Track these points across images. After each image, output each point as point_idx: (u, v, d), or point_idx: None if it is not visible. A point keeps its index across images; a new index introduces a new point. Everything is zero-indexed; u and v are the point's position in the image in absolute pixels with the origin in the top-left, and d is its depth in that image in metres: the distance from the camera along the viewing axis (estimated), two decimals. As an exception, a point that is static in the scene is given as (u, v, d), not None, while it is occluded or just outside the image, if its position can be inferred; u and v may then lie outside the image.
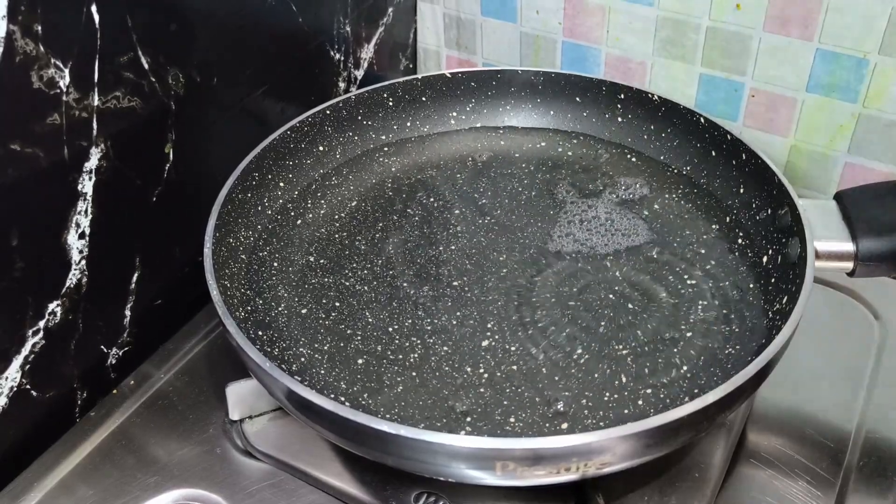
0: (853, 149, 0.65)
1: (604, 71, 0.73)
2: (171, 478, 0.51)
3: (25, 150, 0.47)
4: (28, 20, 0.45)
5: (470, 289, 0.54)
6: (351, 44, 0.74)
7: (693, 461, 0.50)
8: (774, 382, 0.47)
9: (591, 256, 0.56)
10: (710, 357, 0.49)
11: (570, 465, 0.40)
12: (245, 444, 0.52)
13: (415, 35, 0.83)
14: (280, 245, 0.58)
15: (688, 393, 0.47)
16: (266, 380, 0.44)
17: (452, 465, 0.40)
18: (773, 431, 0.53)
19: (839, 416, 0.54)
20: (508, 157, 0.66)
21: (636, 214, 0.60)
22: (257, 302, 0.53)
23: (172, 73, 0.56)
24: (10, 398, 0.51)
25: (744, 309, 0.52)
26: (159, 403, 0.55)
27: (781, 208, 0.53)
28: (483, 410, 0.47)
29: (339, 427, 0.41)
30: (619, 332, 0.51)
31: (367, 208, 0.61)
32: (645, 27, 0.68)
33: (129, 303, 0.58)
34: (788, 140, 0.68)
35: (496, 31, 0.78)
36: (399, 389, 0.48)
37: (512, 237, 0.58)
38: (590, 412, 0.46)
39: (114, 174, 0.53)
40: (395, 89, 0.66)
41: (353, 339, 0.51)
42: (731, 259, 0.55)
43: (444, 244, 0.58)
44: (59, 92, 0.48)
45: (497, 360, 0.49)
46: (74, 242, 0.52)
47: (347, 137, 0.65)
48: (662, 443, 0.42)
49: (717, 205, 0.59)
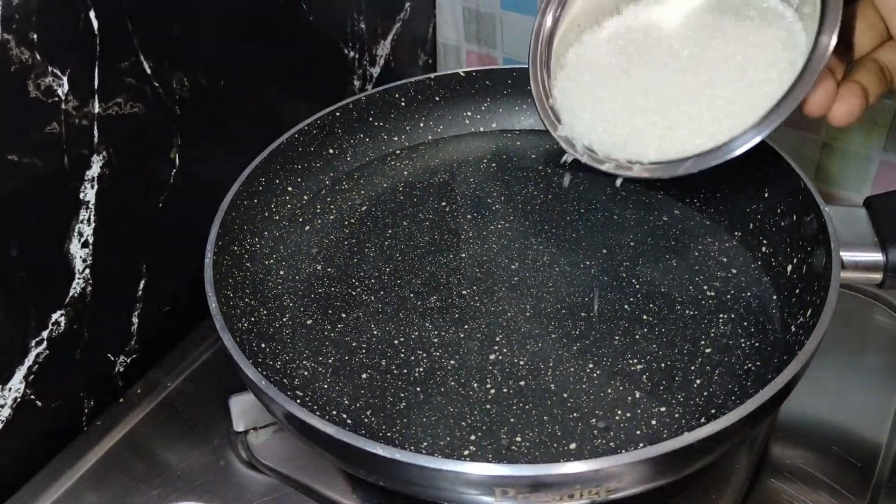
0: (889, 146, 0.62)
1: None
2: (175, 490, 0.50)
3: (24, 161, 0.47)
4: (23, 28, 0.45)
5: (479, 299, 0.52)
6: (366, 41, 0.72)
7: (712, 478, 0.48)
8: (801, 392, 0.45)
9: (607, 265, 0.54)
10: (729, 373, 0.47)
11: (575, 492, 0.38)
12: (249, 456, 0.51)
13: (433, 30, 0.81)
14: (287, 253, 0.56)
15: (704, 413, 0.45)
16: (263, 398, 0.43)
17: (449, 491, 0.39)
18: (798, 445, 0.51)
19: (868, 431, 0.52)
20: (524, 160, 0.64)
21: (655, 220, 0.58)
22: (261, 312, 0.52)
23: (177, 78, 0.55)
24: (14, 409, 0.51)
25: (765, 322, 0.49)
26: (165, 412, 0.55)
27: (807, 215, 0.50)
28: (489, 429, 0.45)
29: (335, 448, 0.40)
30: (633, 346, 0.49)
31: (378, 214, 0.60)
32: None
33: (136, 310, 0.57)
34: (820, 137, 0.65)
35: (516, 24, 0.76)
36: (402, 406, 0.46)
37: (525, 244, 0.56)
38: (600, 432, 0.44)
39: (117, 181, 0.53)
40: (408, 89, 0.65)
41: (357, 351, 0.50)
42: (753, 269, 0.53)
43: (454, 251, 0.56)
44: (58, 100, 0.47)
45: (504, 374, 0.48)
46: (77, 251, 0.51)
47: (359, 140, 0.64)
48: (675, 468, 0.40)
49: (739, 210, 0.57)
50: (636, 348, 0.49)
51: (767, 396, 0.40)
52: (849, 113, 0.44)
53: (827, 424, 0.52)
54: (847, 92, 0.44)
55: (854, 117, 0.45)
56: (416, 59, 0.80)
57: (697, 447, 0.38)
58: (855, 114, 0.44)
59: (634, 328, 0.50)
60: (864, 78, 0.45)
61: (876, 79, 0.45)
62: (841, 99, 0.44)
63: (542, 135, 0.66)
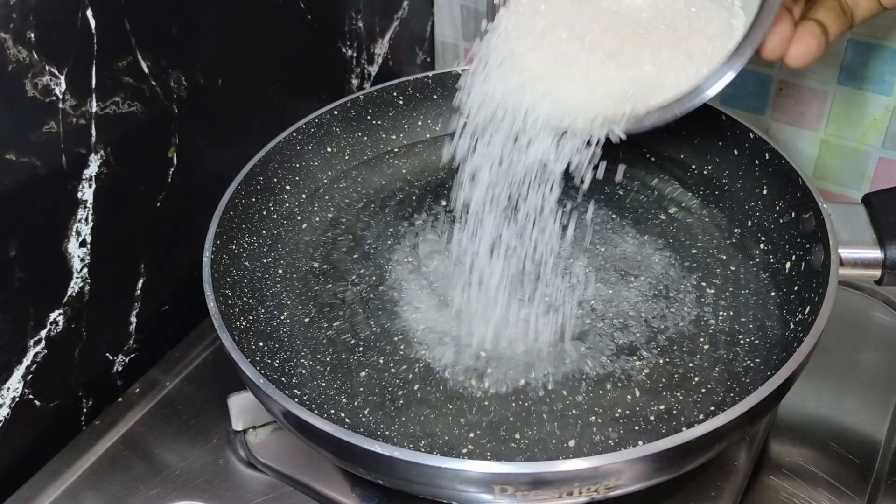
0: (888, 143, 0.63)
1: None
2: (174, 489, 0.50)
3: (21, 160, 0.47)
4: (20, 27, 0.44)
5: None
6: (364, 39, 0.72)
7: (711, 475, 0.48)
8: (800, 389, 0.45)
9: (606, 261, 0.54)
10: (728, 370, 0.47)
11: (574, 490, 0.38)
12: (248, 455, 0.51)
13: (432, 28, 0.81)
14: (285, 251, 0.56)
15: (703, 410, 0.45)
16: (262, 397, 0.43)
17: (449, 489, 0.39)
18: (797, 442, 0.51)
19: (867, 428, 0.52)
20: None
21: (653, 217, 0.57)
22: (259, 311, 0.52)
23: (174, 77, 0.54)
24: (12, 409, 0.50)
25: (764, 319, 0.49)
26: (164, 412, 0.55)
27: (805, 212, 0.50)
28: (487, 426, 0.45)
29: (334, 447, 0.40)
30: (632, 343, 0.49)
31: (376, 212, 0.60)
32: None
33: (134, 309, 0.57)
34: (818, 135, 0.65)
35: (514, 23, 0.75)
36: (401, 404, 0.46)
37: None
38: (599, 429, 0.44)
39: (115, 181, 0.52)
40: (406, 87, 0.64)
41: (356, 350, 0.50)
42: (751, 265, 0.53)
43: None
44: (55, 99, 0.47)
45: (503, 372, 0.48)
46: (75, 251, 0.51)
47: (357, 138, 0.64)
48: (673, 466, 0.40)
49: (738, 207, 0.57)
50: (635, 345, 0.49)
51: (766, 393, 0.40)
52: (805, 54, 0.43)
53: (826, 421, 0.52)
54: (804, 31, 0.43)
55: (811, 58, 0.43)
56: (414, 58, 0.80)
57: (696, 444, 0.38)
58: (812, 54, 0.43)
59: (633, 325, 0.50)
60: (824, 15, 0.44)
61: (835, 15, 0.44)
62: (798, 39, 0.43)
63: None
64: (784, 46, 0.44)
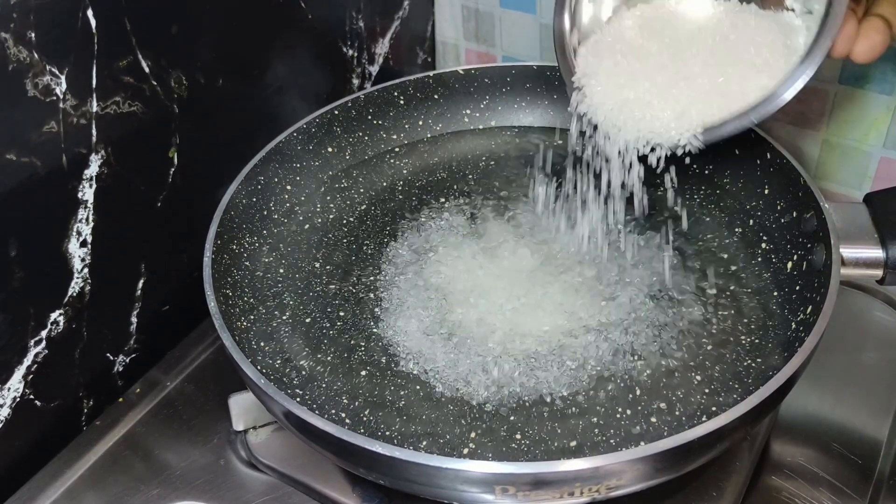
0: (889, 143, 0.62)
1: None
2: (174, 489, 0.50)
3: (22, 160, 0.47)
4: (21, 27, 0.44)
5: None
6: (364, 39, 0.72)
7: (712, 475, 0.48)
8: (801, 389, 0.45)
9: (607, 262, 0.54)
10: (730, 370, 0.47)
11: (575, 490, 0.38)
12: (249, 455, 0.51)
13: (432, 28, 0.81)
14: (287, 251, 0.56)
15: (705, 410, 0.45)
16: (262, 397, 0.43)
17: (450, 489, 0.39)
18: (799, 443, 0.51)
19: (868, 428, 0.52)
20: (524, 158, 0.64)
21: (655, 217, 0.57)
22: (260, 311, 0.52)
23: (175, 76, 0.54)
24: (13, 409, 0.50)
25: (766, 318, 0.49)
26: (165, 412, 0.55)
27: (807, 211, 0.50)
28: (488, 426, 0.45)
29: (335, 447, 0.40)
30: (633, 343, 0.49)
31: (377, 212, 0.60)
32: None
33: (135, 309, 0.57)
34: (820, 134, 0.65)
35: (515, 22, 0.75)
36: (401, 404, 0.46)
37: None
38: (600, 430, 0.44)
39: (115, 180, 0.52)
40: (406, 87, 0.64)
41: (356, 349, 0.50)
42: (753, 265, 0.53)
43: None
44: (56, 99, 0.47)
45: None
46: (76, 251, 0.51)
47: (357, 138, 0.64)
48: (675, 466, 0.40)
49: (740, 207, 0.57)
50: (635, 345, 0.49)
51: (768, 393, 0.40)
52: (871, 49, 0.44)
53: (827, 421, 0.52)
54: (868, 28, 0.44)
55: (877, 53, 0.44)
56: (414, 58, 0.80)
57: (698, 444, 0.38)
58: (878, 49, 0.44)
59: (634, 325, 0.50)
60: (886, 9, 0.45)
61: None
62: (863, 36, 0.44)
63: (541, 132, 0.66)
64: (850, 45, 0.45)
